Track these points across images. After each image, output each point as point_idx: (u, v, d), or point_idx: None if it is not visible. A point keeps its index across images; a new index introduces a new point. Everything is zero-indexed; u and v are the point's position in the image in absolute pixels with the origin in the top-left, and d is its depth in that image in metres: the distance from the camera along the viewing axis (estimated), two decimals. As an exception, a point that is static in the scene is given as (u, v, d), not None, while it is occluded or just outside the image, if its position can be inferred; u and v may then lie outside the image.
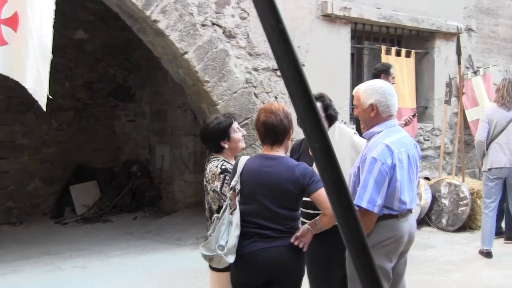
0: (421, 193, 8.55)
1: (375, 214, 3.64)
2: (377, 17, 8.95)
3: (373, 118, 3.81)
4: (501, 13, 11.40)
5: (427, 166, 9.93)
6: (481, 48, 11.01)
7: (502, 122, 7.11)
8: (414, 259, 6.92)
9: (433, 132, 10.09)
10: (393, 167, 3.66)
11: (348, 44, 8.75)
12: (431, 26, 9.76)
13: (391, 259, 3.84)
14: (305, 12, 8.16)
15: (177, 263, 7.01)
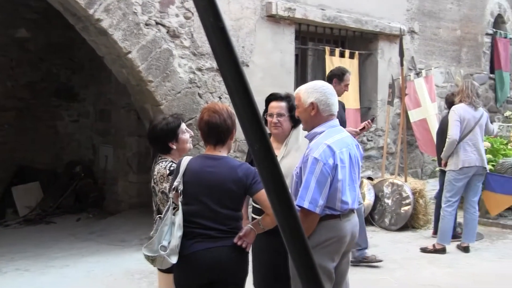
0: (364, 193, 8.65)
1: (317, 214, 3.67)
2: (321, 18, 9.05)
3: (314, 117, 3.84)
4: (443, 16, 11.72)
5: (370, 166, 10.11)
6: (424, 50, 11.29)
7: (471, 122, 7.28)
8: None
9: (376, 132, 10.28)
10: (335, 167, 3.70)
11: (292, 44, 8.83)
12: (374, 27, 9.95)
13: (333, 259, 3.87)
14: (249, 12, 8.20)
15: (121, 265, 6.95)
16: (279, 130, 4.36)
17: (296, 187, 3.81)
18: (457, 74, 12.15)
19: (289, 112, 4.36)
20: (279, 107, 4.37)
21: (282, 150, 4.34)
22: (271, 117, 4.37)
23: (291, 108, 4.36)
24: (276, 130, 4.38)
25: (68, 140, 11.03)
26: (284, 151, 4.34)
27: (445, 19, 11.82)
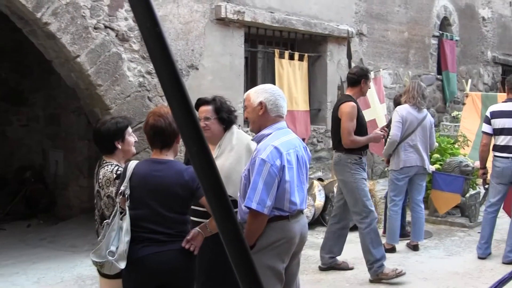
0: (315, 194, 8.73)
1: (265, 215, 3.72)
2: (271, 21, 9.18)
3: (262, 117, 3.90)
4: (391, 19, 11.99)
5: (320, 167, 10.24)
6: (372, 52, 11.53)
7: (414, 123, 7.40)
8: (309, 258, 7.16)
9: (326, 133, 10.34)
10: (282, 169, 3.75)
11: (241, 47, 8.94)
12: (323, 30, 10.11)
13: (283, 259, 3.92)
14: (198, 15, 8.28)
15: (72, 271, 6.92)
16: (208, 134, 4.40)
17: (244, 188, 3.84)
18: (405, 75, 12.39)
19: (216, 115, 4.44)
20: (205, 111, 4.45)
21: (215, 152, 4.40)
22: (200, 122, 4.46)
23: (218, 110, 4.45)
24: (206, 133, 4.27)
25: (17, 145, 10.92)
26: (217, 152, 4.39)
27: (393, 22, 12.10)
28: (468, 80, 12.90)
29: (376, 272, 6.39)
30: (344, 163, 6.45)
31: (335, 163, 6.62)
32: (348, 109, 6.34)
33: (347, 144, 6.35)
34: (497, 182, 7.11)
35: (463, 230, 8.68)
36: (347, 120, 6.32)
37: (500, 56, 16.28)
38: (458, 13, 14.48)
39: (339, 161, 6.50)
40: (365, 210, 6.43)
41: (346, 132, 6.32)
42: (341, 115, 6.34)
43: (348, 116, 6.34)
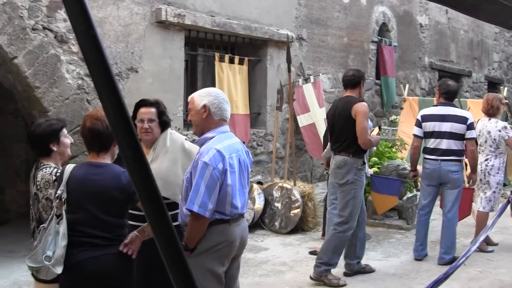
0: (254, 197, 8.88)
1: (206, 218, 3.78)
2: (211, 24, 9.32)
3: (205, 120, 3.98)
4: (330, 24, 12.32)
5: (260, 171, 10.41)
6: (312, 56, 11.82)
7: None
8: (249, 262, 7.27)
9: (266, 137, 10.64)
10: (225, 172, 3.83)
11: (182, 51, 9.05)
12: (263, 34, 10.33)
13: (223, 263, 4.00)
14: (139, 18, 8.37)
15: (9, 276, 6.85)
16: (149, 136, 4.49)
17: (186, 191, 3.90)
18: (344, 80, 12.78)
19: (159, 118, 4.51)
20: (150, 112, 4.50)
21: (150, 155, 4.45)
22: (141, 123, 4.47)
23: (160, 114, 4.53)
24: (147, 136, 4.50)
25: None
26: (152, 155, 4.45)
27: (332, 27, 12.42)
28: (406, 85, 13.31)
29: (321, 273, 6.56)
30: (351, 167, 6.57)
31: (339, 166, 6.65)
32: (364, 108, 6.49)
33: (365, 143, 6.49)
34: (427, 184, 7.42)
35: (400, 232, 8.95)
36: (364, 120, 6.46)
37: (437, 62, 16.83)
38: (396, 19, 14.92)
39: (345, 165, 6.58)
40: (349, 218, 6.61)
41: (365, 131, 6.45)
42: (356, 114, 6.42)
43: (365, 115, 6.49)
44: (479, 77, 19.57)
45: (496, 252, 7.95)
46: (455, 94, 7.62)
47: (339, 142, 6.67)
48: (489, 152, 7.89)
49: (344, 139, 6.57)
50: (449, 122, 7.23)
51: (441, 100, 7.51)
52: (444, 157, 7.23)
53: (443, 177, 7.30)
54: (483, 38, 19.74)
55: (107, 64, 1.07)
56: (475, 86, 19.27)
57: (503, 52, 21.34)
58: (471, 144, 7.27)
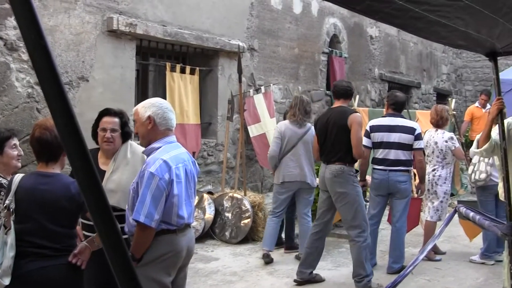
0: (204, 207, 8.97)
1: (153, 228, 3.83)
2: (163, 34, 9.41)
3: (151, 131, 4.03)
4: (282, 35, 12.55)
5: (210, 181, 10.52)
6: (263, 67, 12.00)
7: (293, 138, 7.81)
8: (199, 272, 7.36)
9: (216, 147, 10.76)
10: (171, 183, 3.88)
11: (133, 60, 9.11)
12: (215, 44, 10.47)
13: (170, 273, 4.05)
14: (90, 27, 8.41)
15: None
16: (111, 146, 4.52)
17: (133, 201, 3.95)
18: (295, 90, 12.98)
19: (121, 129, 4.55)
20: (113, 122, 4.52)
21: (111, 165, 4.48)
22: (103, 132, 4.50)
23: (123, 124, 4.57)
24: (108, 146, 4.53)
25: None
26: (113, 166, 4.48)
27: (283, 38, 12.64)
28: (356, 96, 13.60)
29: (365, 286, 6.71)
30: (348, 175, 6.73)
31: (336, 175, 6.75)
32: (359, 119, 6.67)
33: (360, 154, 6.72)
34: (376, 194, 7.62)
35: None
36: (360, 130, 6.65)
37: (387, 74, 17.22)
38: (347, 31, 15.24)
39: (342, 174, 6.72)
40: (364, 224, 6.77)
41: (361, 141, 6.71)
42: (352, 124, 6.58)
43: (360, 126, 6.67)
44: (428, 88, 20.09)
45: (444, 260, 8.17)
46: (403, 105, 7.83)
47: (333, 152, 6.81)
48: (436, 162, 8.10)
49: (339, 149, 6.72)
50: (397, 133, 7.44)
51: (389, 111, 7.72)
52: (393, 167, 7.42)
53: (392, 187, 7.49)
54: (432, 51, 20.30)
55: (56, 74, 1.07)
56: (424, 97, 19.75)
57: (451, 64, 21.98)
58: (419, 154, 7.50)
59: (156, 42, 9.65)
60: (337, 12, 14.65)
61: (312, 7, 13.65)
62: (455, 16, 3.19)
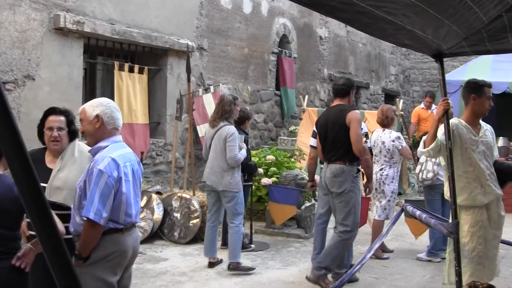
0: (153, 208, 8.98)
1: (101, 226, 3.85)
2: (111, 33, 9.38)
3: (99, 130, 4.06)
4: (231, 34, 12.64)
5: (159, 181, 10.53)
6: (212, 66, 12.07)
7: (208, 140, 7.77)
8: (148, 272, 7.38)
9: (165, 147, 10.78)
10: (119, 180, 3.92)
11: (80, 58, 9.06)
12: (164, 43, 10.49)
13: (116, 273, 4.06)
14: (36, 24, 8.35)
15: None
16: (58, 146, 4.49)
17: (79, 200, 3.96)
18: (245, 90, 13.12)
19: (68, 127, 4.52)
20: (59, 121, 4.49)
21: (58, 163, 4.45)
22: (50, 131, 4.47)
23: (69, 123, 4.54)
24: (55, 146, 4.49)
25: None
26: (60, 164, 4.45)
27: (233, 37, 12.74)
28: (305, 96, 13.77)
29: (320, 276, 6.81)
30: (348, 174, 6.77)
31: (336, 174, 6.80)
32: (358, 116, 6.70)
33: (360, 151, 6.68)
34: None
35: (299, 241, 9.24)
36: (359, 127, 6.66)
37: (336, 74, 17.39)
38: (297, 31, 15.42)
39: (342, 173, 6.77)
40: (353, 226, 6.83)
41: (360, 138, 6.66)
42: (350, 122, 6.60)
43: (359, 123, 6.69)
44: (376, 89, 20.44)
45: (392, 259, 8.35)
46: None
47: (333, 151, 6.86)
48: (384, 162, 8.29)
49: (339, 148, 6.76)
50: None
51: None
52: None
53: None
54: (381, 52, 20.67)
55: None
56: (373, 98, 20.09)
57: (399, 66, 22.41)
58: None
59: (104, 41, 9.62)
60: (287, 13, 14.83)
61: (262, 7, 13.80)
62: (401, 14, 3.28)
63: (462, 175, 5.31)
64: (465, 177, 5.34)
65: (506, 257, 8.35)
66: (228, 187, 7.51)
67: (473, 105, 5.48)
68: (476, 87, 5.50)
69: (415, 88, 23.01)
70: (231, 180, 7.49)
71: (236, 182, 7.53)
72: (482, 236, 5.31)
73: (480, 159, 5.37)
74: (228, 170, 7.51)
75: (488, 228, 5.36)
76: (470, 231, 5.30)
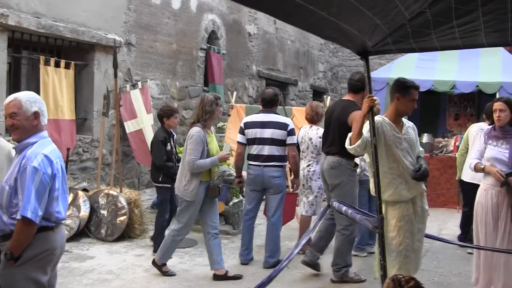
0: (79, 205, 8.92)
1: (36, 225, 3.85)
2: (36, 26, 9.29)
3: (36, 127, 4.06)
4: (160, 30, 12.68)
5: (86, 178, 10.49)
6: (140, 62, 12.09)
7: None
8: (74, 271, 7.34)
9: (92, 143, 10.76)
10: (53, 177, 3.95)
11: (4, 52, 8.94)
12: (91, 38, 10.45)
13: (46, 272, 4.06)
14: (-42, 16, 8.15)
15: None
16: None
17: (10, 198, 3.93)
18: (173, 86, 13.18)
19: None
20: None
21: None
22: None
23: None
24: None
25: None
26: None
27: (161, 33, 12.77)
28: (233, 92, 13.90)
29: (343, 275, 7.11)
30: (345, 167, 6.93)
31: (333, 167, 7.00)
32: None
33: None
34: (251, 189, 7.83)
35: (227, 237, 9.26)
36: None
37: (264, 71, 17.73)
38: (225, 27, 15.57)
39: (339, 166, 6.95)
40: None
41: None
42: (353, 123, 6.50)
43: None
44: (304, 86, 20.80)
45: None
46: (272, 102, 7.91)
47: (333, 144, 7.04)
48: (311, 158, 8.44)
49: (338, 142, 6.75)
50: (270, 129, 7.68)
51: (262, 107, 7.99)
52: (267, 163, 7.67)
53: (266, 183, 7.73)
54: (309, 49, 21.03)
55: None
56: (301, 94, 20.44)
57: (327, 63, 22.85)
58: (292, 149, 7.75)
59: (29, 35, 9.52)
60: (216, 9, 14.95)
61: (191, 2, 13.87)
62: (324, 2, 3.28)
63: (387, 171, 5.48)
64: (390, 173, 5.51)
65: (431, 250, 8.69)
66: (181, 193, 7.11)
67: (396, 104, 5.63)
68: (402, 87, 5.62)
69: (343, 85, 23.48)
70: (185, 186, 7.06)
71: (190, 190, 7.02)
72: (408, 230, 5.48)
73: (404, 155, 5.53)
74: (185, 175, 7.08)
75: (413, 222, 5.54)
76: (397, 225, 5.47)
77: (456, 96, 15.79)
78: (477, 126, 8.82)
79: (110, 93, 10.10)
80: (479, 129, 8.26)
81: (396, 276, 3.11)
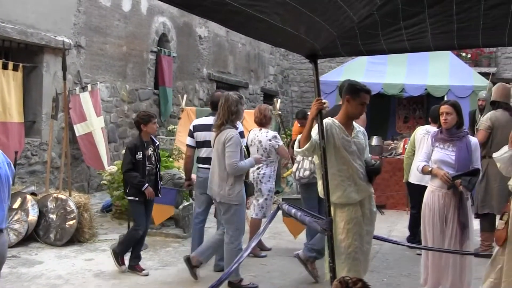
0: (28, 209, 8.84)
1: None
2: (-17, 27, 9.20)
3: None
4: (110, 32, 12.66)
5: (35, 181, 10.40)
6: (90, 64, 12.06)
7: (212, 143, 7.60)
8: (22, 277, 7.23)
9: (41, 147, 10.68)
10: None
11: (-49, 54, 8.83)
12: (40, 40, 10.41)
13: None
14: None
15: None
16: None
17: None
18: (123, 89, 13.17)
19: None
20: None
21: None
22: None
23: None
24: None
25: None
26: None
27: (112, 35, 12.76)
28: (184, 95, 13.93)
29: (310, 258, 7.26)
30: None
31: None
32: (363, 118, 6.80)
33: None
34: (201, 192, 7.78)
35: (177, 241, 9.34)
36: None
37: (215, 73, 17.80)
38: (176, 30, 15.60)
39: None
40: None
41: None
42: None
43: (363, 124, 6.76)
44: (255, 88, 20.93)
45: (269, 256, 8.58)
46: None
47: None
48: None
49: None
50: None
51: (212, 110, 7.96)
52: None
53: None
54: (260, 52, 21.18)
55: None
56: (252, 97, 20.55)
57: (278, 66, 23.05)
58: None
59: (-24, 36, 9.42)
60: (166, 11, 14.96)
61: (142, 5, 13.89)
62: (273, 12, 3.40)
63: (336, 173, 5.53)
64: (339, 175, 5.56)
65: (380, 252, 8.86)
66: (225, 198, 6.93)
67: (346, 106, 5.67)
68: (352, 89, 5.64)
69: (293, 88, 23.74)
70: (229, 191, 6.90)
71: (236, 193, 6.90)
72: (357, 233, 5.55)
73: (353, 158, 5.60)
74: (227, 180, 6.93)
75: (362, 225, 5.62)
76: (346, 228, 5.52)
77: (405, 99, 16.21)
78: (423, 128, 9.00)
79: (59, 95, 10.05)
80: (426, 132, 8.49)
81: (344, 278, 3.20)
